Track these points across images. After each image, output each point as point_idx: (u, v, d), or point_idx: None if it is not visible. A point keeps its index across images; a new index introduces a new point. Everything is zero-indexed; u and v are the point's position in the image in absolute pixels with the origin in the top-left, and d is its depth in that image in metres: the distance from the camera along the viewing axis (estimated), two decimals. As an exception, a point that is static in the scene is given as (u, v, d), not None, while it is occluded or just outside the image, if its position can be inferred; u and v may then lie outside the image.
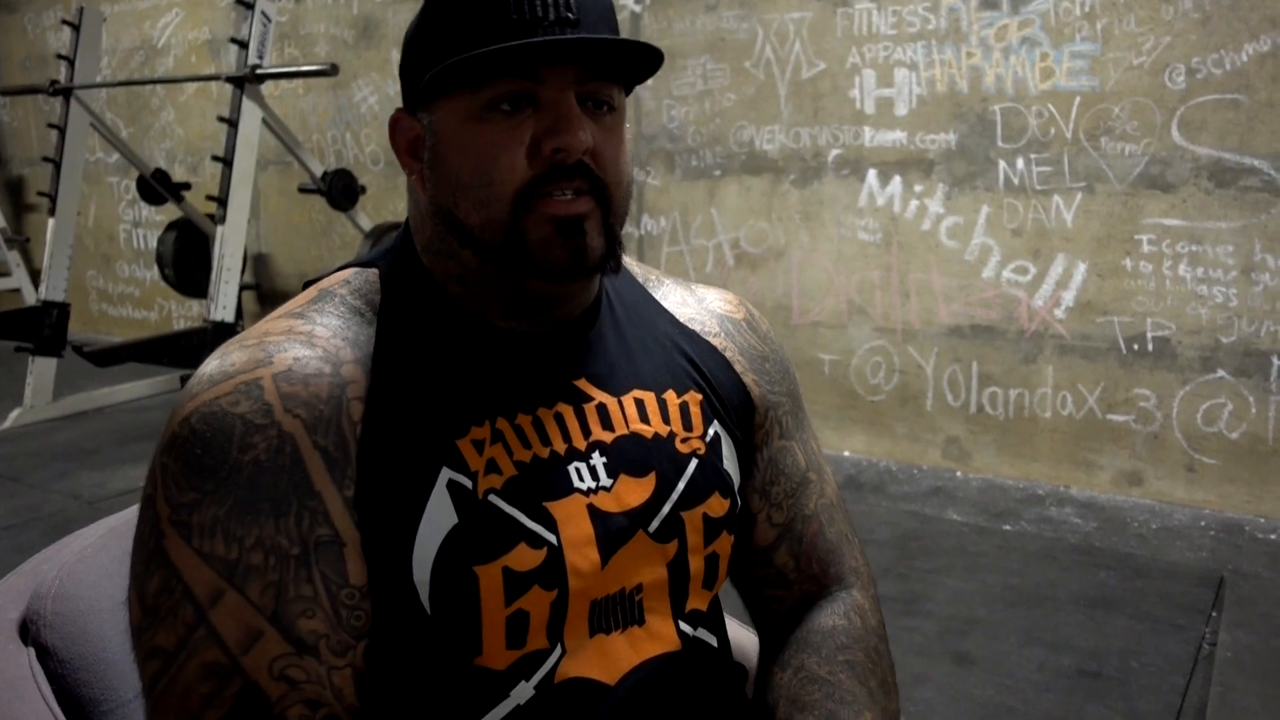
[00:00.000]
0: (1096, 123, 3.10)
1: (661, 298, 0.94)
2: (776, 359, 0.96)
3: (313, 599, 0.69)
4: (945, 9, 3.30)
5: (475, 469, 0.76)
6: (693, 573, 0.83)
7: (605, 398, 0.83)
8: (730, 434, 0.89)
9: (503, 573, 0.74)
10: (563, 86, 0.74)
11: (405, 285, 0.82)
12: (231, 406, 0.71)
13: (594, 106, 0.77)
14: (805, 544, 0.92)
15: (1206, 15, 2.90)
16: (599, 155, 0.76)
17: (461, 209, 0.77)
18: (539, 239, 0.75)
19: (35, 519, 3.24)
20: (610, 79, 0.77)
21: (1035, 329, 3.31)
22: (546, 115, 0.74)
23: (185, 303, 5.72)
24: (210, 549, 0.68)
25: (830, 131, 3.58)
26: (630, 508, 0.80)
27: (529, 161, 0.74)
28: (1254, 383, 2.99)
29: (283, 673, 0.67)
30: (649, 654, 0.80)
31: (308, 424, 0.72)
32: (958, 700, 2.11)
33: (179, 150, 5.68)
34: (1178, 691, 2.11)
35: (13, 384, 4.63)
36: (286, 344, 0.75)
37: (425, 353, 0.79)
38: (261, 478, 0.70)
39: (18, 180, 6.69)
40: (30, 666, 0.86)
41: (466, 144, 0.76)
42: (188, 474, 0.70)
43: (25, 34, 6.37)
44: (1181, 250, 3.04)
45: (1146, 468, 3.19)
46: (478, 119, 0.75)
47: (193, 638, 0.67)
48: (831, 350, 3.70)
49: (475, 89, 0.74)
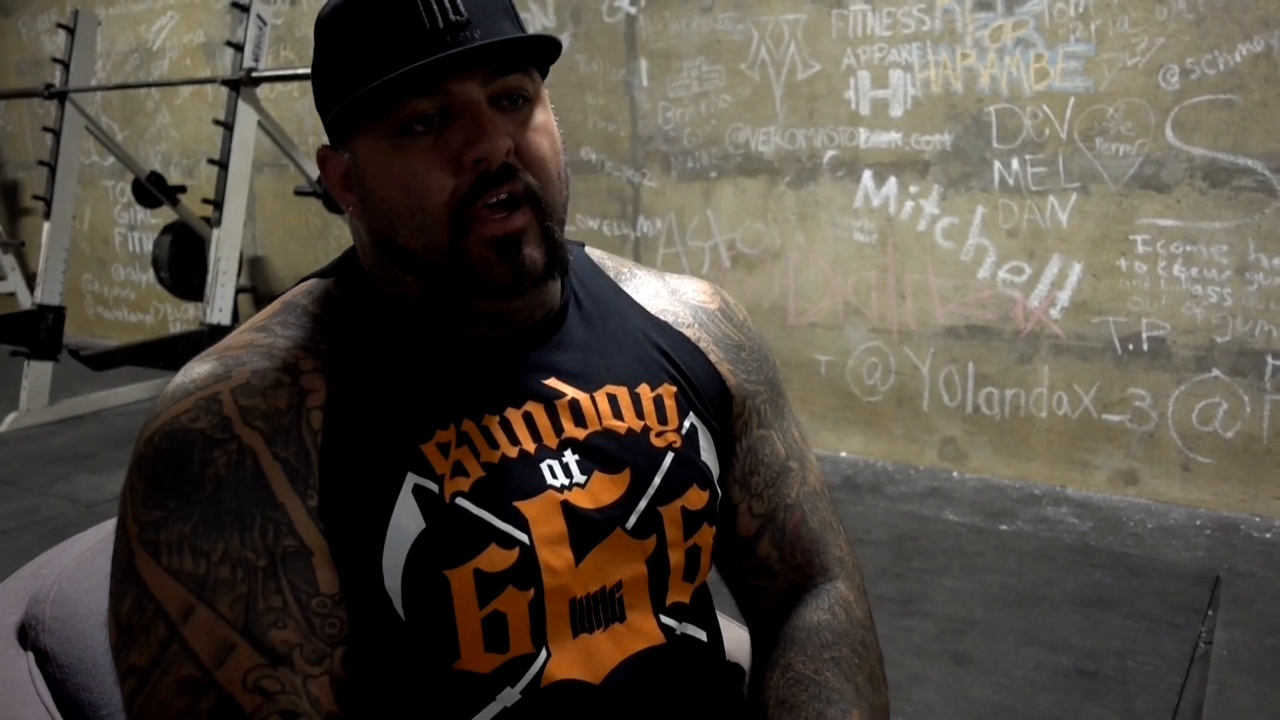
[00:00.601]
0: (1091, 123, 3.11)
1: (633, 291, 0.93)
2: (753, 347, 0.95)
3: (283, 609, 0.69)
4: (940, 10, 3.31)
5: (441, 472, 0.75)
6: (673, 566, 0.82)
7: (577, 394, 0.82)
8: (707, 425, 0.88)
9: (474, 575, 0.74)
10: (469, 93, 0.73)
11: (360, 296, 0.82)
12: (191, 423, 0.72)
13: (509, 103, 0.76)
14: (788, 534, 0.91)
15: (1200, 16, 2.91)
16: (524, 153, 0.75)
17: (401, 236, 0.76)
18: (479, 260, 0.75)
19: (32, 523, 3.23)
20: (515, 70, 0.76)
21: (1031, 329, 3.32)
22: (461, 126, 0.73)
23: (181, 306, 5.71)
24: (179, 565, 0.69)
25: (826, 133, 3.59)
26: (605, 504, 0.79)
27: (454, 175, 0.73)
28: (1249, 382, 3.00)
29: (257, 684, 0.67)
30: (632, 650, 0.79)
31: (267, 436, 0.72)
32: (955, 700, 2.11)
33: (174, 153, 5.67)
34: (1174, 690, 2.11)
35: (8, 388, 4.62)
36: (246, 357, 0.76)
37: (386, 359, 0.79)
38: (224, 492, 0.70)
39: (13, 184, 6.67)
40: (30, 671, 0.86)
41: (390, 172, 0.75)
42: (153, 492, 0.70)
43: (20, 37, 6.36)
44: (1176, 250, 3.05)
45: (1142, 467, 3.19)
46: (395, 145, 0.74)
47: (166, 654, 0.67)
48: (828, 351, 3.71)
49: (384, 117, 0.74)
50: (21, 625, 0.91)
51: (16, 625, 0.91)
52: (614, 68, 3.99)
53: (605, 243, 4.12)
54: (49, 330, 4.47)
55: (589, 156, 4.11)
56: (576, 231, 4.19)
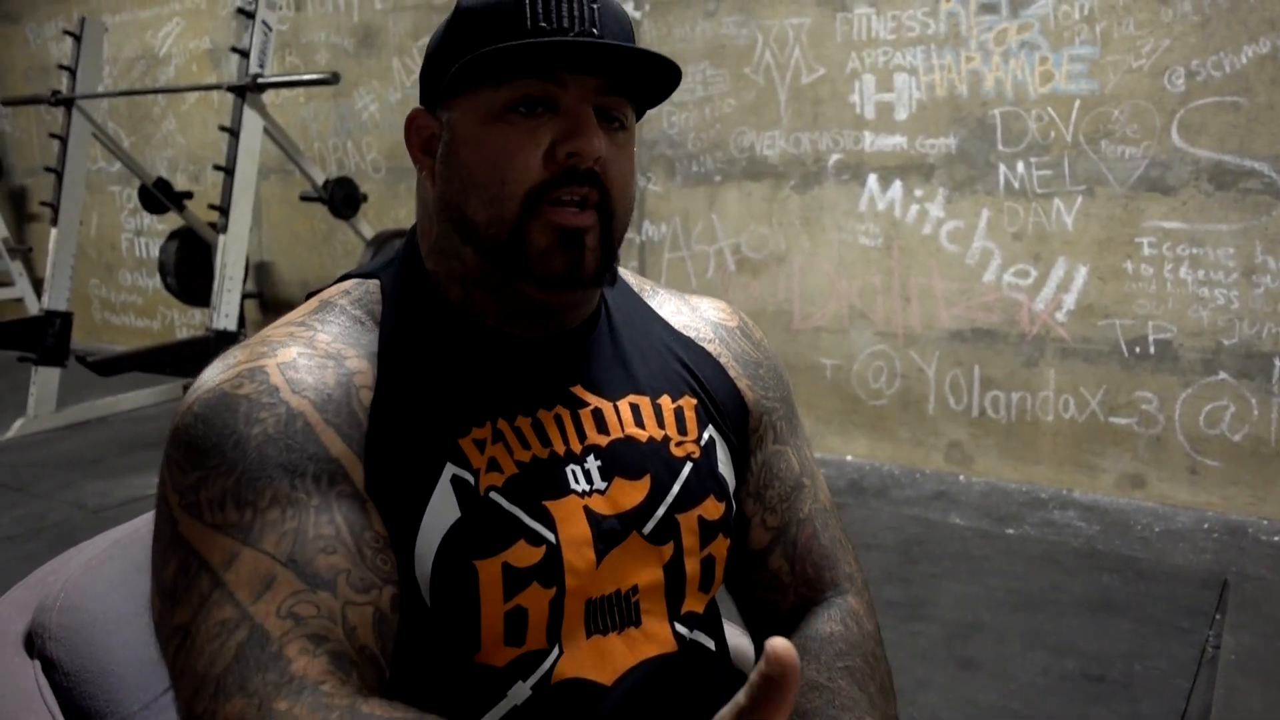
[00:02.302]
0: (1096, 126, 3.11)
1: (657, 306, 0.95)
2: (770, 365, 0.97)
3: (335, 537, 0.69)
4: (944, 14, 3.31)
5: (478, 466, 0.77)
6: (689, 575, 0.84)
7: (600, 402, 0.84)
8: (725, 438, 0.90)
9: (502, 568, 0.75)
10: (582, 95, 0.76)
11: (407, 292, 0.83)
12: (235, 389, 0.72)
13: (608, 122, 0.78)
14: (800, 548, 0.92)
15: (1205, 18, 2.91)
16: (608, 169, 0.77)
17: (471, 205, 0.78)
18: (541, 245, 0.76)
19: (40, 529, 3.24)
20: (628, 94, 0.79)
21: (1036, 332, 3.31)
22: (564, 121, 0.76)
23: (188, 311, 5.73)
24: (222, 520, 0.68)
25: (830, 136, 3.59)
26: (624, 510, 0.81)
27: (543, 164, 0.76)
28: (1256, 385, 2.99)
29: (290, 610, 0.65)
30: (645, 655, 0.80)
31: (317, 404, 0.73)
32: (961, 705, 2.11)
33: (181, 159, 5.69)
34: (1182, 694, 2.11)
35: (16, 394, 4.64)
36: (289, 342, 0.77)
37: (427, 355, 0.80)
38: (269, 447, 0.70)
39: (20, 190, 6.70)
40: (36, 679, 0.86)
41: (483, 142, 0.77)
42: (191, 456, 0.70)
43: (27, 44, 6.38)
44: (1182, 253, 3.04)
45: (1149, 470, 3.18)
46: (496, 118, 0.76)
47: (208, 603, 0.65)
48: (833, 355, 3.70)
49: (497, 87, 0.76)
50: (28, 633, 0.91)
51: (23, 633, 0.91)
52: (618, 72, 3.99)
53: (610, 247, 4.13)
54: (56, 336, 4.49)
55: (594, 161, 4.11)
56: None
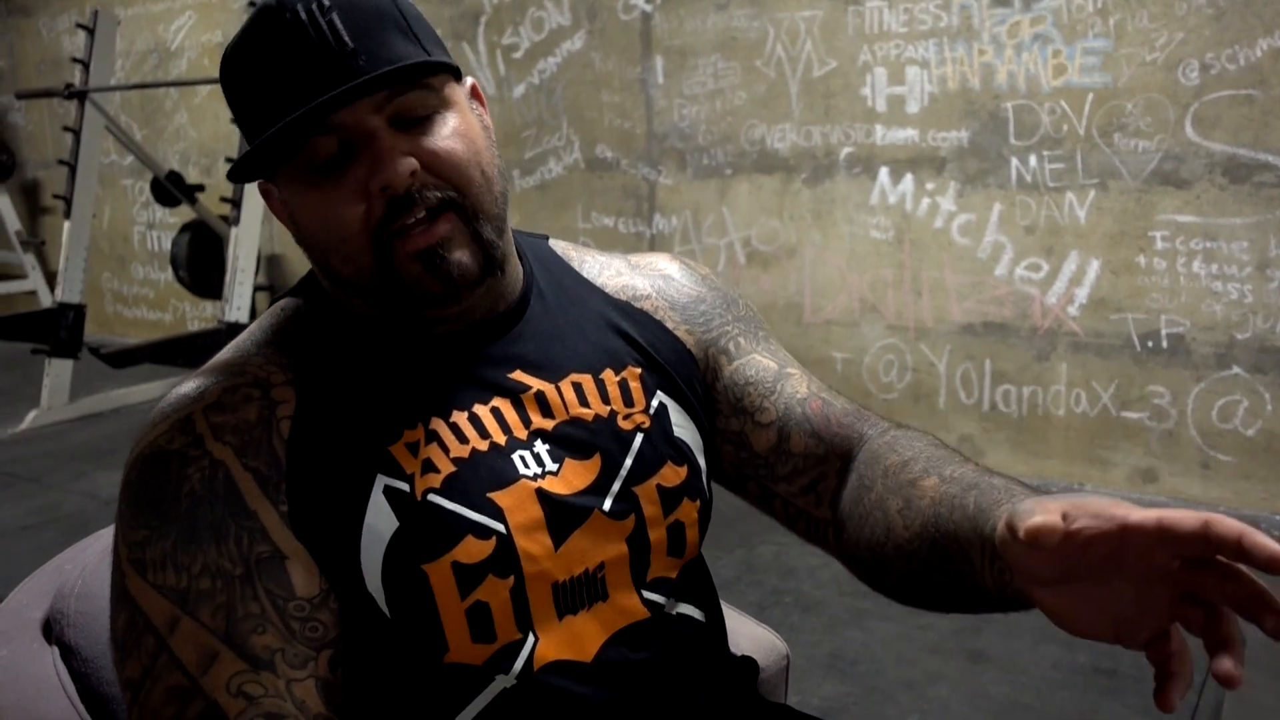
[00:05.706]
0: (1109, 119, 3.09)
1: (594, 275, 0.94)
2: (714, 297, 0.96)
3: (261, 615, 0.71)
4: (957, 6, 3.29)
5: (411, 471, 0.77)
6: (654, 543, 0.83)
7: (542, 385, 0.83)
8: (678, 398, 0.89)
9: (452, 567, 0.75)
10: (364, 123, 0.73)
11: (317, 312, 0.84)
12: (167, 444, 0.75)
13: (412, 124, 0.75)
14: (816, 419, 0.91)
15: (1220, 11, 2.89)
16: (434, 165, 0.75)
17: (333, 264, 0.78)
18: (412, 274, 0.75)
19: (54, 519, 3.26)
20: (411, 87, 0.75)
21: (1049, 326, 3.30)
22: (363, 157, 0.74)
23: (199, 304, 5.74)
24: (163, 580, 0.71)
25: (842, 129, 3.58)
26: (580, 489, 0.81)
27: (368, 206, 0.74)
28: (1269, 379, 2.97)
29: (240, 689, 0.68)
30: (616, 626, 0.81)
31: (238, 448, 0.74)
32: (972, 698, 2.11)
33: (192, 152, 5.71)
34: (1194, 689, 2.10)
35: (30, 386, 4.67)
36: (221, 376, 0.79)
37: (351, 367, 0.80)
38: (199, 507, 0.72)
39: (33, 183, 6.73)
40: (54, 665, 0.87)
41: (310, 209, 0.77)
42: (137, 514, 0.73)
43: (41, 37, 6.41)
44: (1196, 247, 3.03)
45: (1161, 465, 3.17)
46: (309, 183, 0.76)
47: (156, 665, 0.69)
48: (844, 349, 3.70)
49: (290, 159, 0.75)
50: (46, 620, 0.92)
51: (41, 620, 0.92)
52: (629, 65, 3.99)
53: (620, 240, 4.13)
54: (69, 328, 4.51)
55: (604, 154, 4.11)
56: (591, 229, 4.19)
